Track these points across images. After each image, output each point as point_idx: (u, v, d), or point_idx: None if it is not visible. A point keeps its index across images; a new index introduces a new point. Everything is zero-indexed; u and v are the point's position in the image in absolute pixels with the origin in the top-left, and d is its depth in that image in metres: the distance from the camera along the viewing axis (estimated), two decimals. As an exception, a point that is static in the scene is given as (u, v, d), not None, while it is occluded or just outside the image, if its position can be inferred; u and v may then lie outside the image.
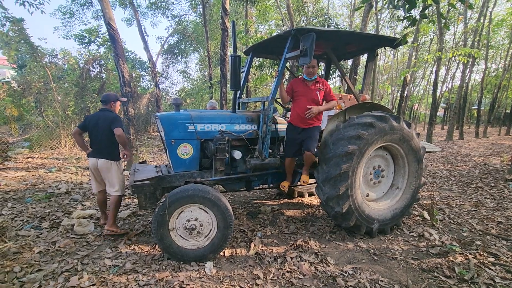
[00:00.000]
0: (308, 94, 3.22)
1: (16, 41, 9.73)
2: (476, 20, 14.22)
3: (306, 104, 3.19)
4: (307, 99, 3.21)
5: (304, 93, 3.22)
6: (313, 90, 3.22)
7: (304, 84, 3.26)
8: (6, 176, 5.85)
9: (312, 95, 3.21)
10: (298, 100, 3.26)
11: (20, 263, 2.61)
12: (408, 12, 2.87)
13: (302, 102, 3.22)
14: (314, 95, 3.22)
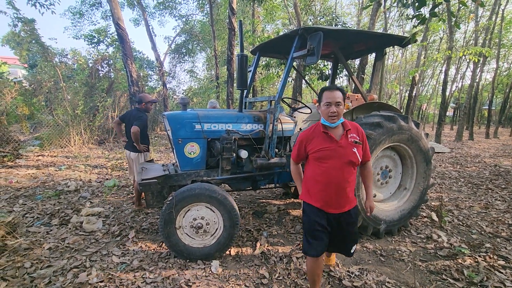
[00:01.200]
0: (339, 154, 1.92)
1: (27, 41, 9.93)
2: (487, 18, 13.91)
3: (340, 171, 1.92)
4: (341, 163, 1.92)
5: (332, 153, 1.92)
6: (346, 145, 1.93)
7: (328, 137, 1.95)
8: (17, 173, 5.98)
9: (347, 155, 1.92)
10: (321, 165, 1.95)
11: (31, 259, 2.67)
12: (417, 11, 2.84)
13: (331, 169, 1.92)
14: (350, 154, 1.92)
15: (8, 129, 7.49)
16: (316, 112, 4.27)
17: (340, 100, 1.88)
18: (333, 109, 1.88)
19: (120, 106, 11.61)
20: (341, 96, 1.90)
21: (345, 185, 1.93)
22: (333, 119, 1.91)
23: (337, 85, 1.94)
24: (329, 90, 1.92)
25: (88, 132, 9.95)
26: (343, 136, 1.94)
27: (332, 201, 1.96)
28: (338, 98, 1.88)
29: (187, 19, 18.06)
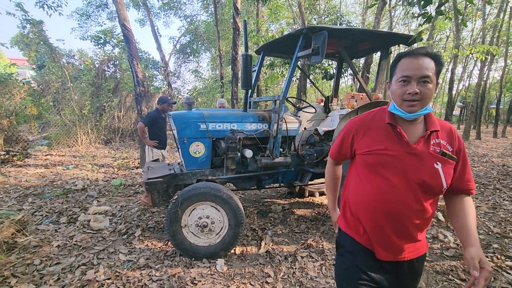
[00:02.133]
0: (408, 166, 1.14)
1: (35, 43, 10.08)
2: (495, 16, 13.70)
3: (407, 196, 1.14)
4: (409, 182, 1.14)
5: (396, 162, 1.15)
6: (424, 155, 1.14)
7: (395, 134, 1.18)
8: (26, 172, 6.09)
9: (421, 172, 1.13)
10: (375, 178, 1.20)
11: (40, 256, 2.72)
12: (423, 9, 2.82)
13: (392, 189, 1.16)
14: (427, 171, 1.13)
15: (17, 129, 7.63)
16: (321, 112, 4.26)
17: (431, 74, 1.08)
18: (413, 89, 1.08)
19: (126, 106, 11.72)
20: (432, 66, 1.09)
21: (412, 219, 1.14)
22: (412, 106, 1.10)
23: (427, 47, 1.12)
24: (410, 57, 1.11)
25: (94, 131, 10.07)
26: (422, 138, 1.13)
27: (388, 241, 1.18)
28: (425, 70, 1.07)
29: (192, 20, 18.13)
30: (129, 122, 11.82)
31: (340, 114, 3.80)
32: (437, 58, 1.11)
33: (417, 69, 1.08)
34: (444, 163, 1.14)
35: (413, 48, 1.28)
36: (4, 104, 7.31)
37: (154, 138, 4.44)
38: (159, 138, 4.46)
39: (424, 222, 1.19)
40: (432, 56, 1.11)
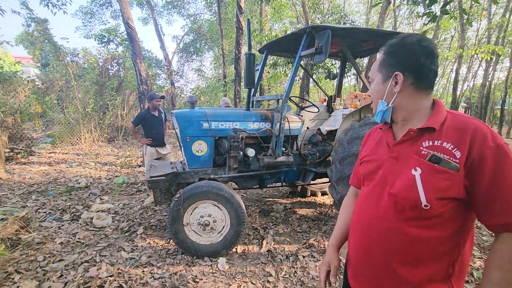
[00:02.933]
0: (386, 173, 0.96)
1: (40, 41, 10.15)
2: (501, 16, 13.56)
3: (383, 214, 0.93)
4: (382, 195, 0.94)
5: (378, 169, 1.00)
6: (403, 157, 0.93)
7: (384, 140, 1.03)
8: (30, 170, 6.14)
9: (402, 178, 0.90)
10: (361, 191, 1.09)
11: (43, 253, 2.74)
12: (428, 8, 2.80)
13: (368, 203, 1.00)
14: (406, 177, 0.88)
15: (22, 127, 7.70)
16: (324, 111, 4.25)
17: (371, 73, 1.07)
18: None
19: (129, 104, 11.77)
20: (379, 61, 1.03)
21: (394, 248, 0.91)
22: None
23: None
24: None
25: (98, 130, 10.12)
26: (405, 138, 0.94)
27: (363, 270, 1.01)
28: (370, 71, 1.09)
29: (195, 18, 18.16)
30: (132, 121, 11.86)
31: (343, 113, 3.79)
32: (386, 46, 1.00)
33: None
34: (431, 171, 0.85)
35: None
36: (9, 102, 7.37)
37: (148, 136, 4.53)
38: (152, 136, 4.52)
39: (418, 258, 0.87)
40: (384, 48, 1.01)
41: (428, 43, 0.93)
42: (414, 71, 0.93)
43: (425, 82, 0.94)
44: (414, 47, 0.93)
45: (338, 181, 3.08)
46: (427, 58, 0.92)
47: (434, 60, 0.93)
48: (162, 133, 4.60)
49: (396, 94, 0.96)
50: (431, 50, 0.92)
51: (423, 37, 0.95)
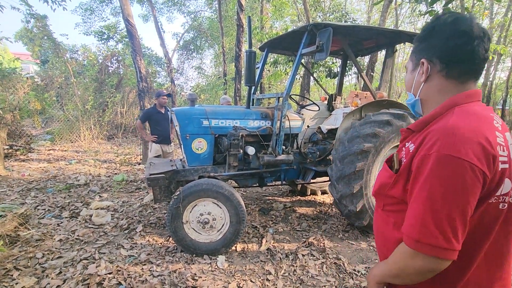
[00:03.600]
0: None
1: (39, 37, 10.12)
2: (503, 15, 13.52)
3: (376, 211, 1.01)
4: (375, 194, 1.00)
5: None
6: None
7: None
8: (29, 167, 6.12)
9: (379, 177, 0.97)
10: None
11: (42, 250, 2.73)
12: (430, 7, 2.78)
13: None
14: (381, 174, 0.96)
15: (21, 124, 7.68)
16: (324, 110, 4.23)
17: (407, 63, 0.96)
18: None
19: (129, 102, 11.75)
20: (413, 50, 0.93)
21: (380, 237, 0.98)
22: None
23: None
24: None
25: (97, 127, 10.11)
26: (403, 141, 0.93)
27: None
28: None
29: (196, 16, 18.09)
30: (132, 118, 11.85)
31: (343, 112, 3.78)
32: (416, 36, 0.90)
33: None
34: (383, 169, 0.92)
35: None
36: (8, 99, 7.35)
37: (153, 133, 4.60)
38: (157, 133, 4.57)
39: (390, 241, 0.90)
40: (415, 39, 0.92)
41: (464, 22, 0.78)
42: (442, 56, 0.81)
43: (456, 69, 0.80)
44: (445, 28, 0.80)
45: (338, 180, 3.07)
46: (459, 38, 0.77)
47: (472, 40, 0.77)
48: (167, 130, 4.60)
49: (422, 84, 0.87)
50: (467, 29, 0.77)
51: (460, 16, 0.80)
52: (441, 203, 0.69)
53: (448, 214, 0.69)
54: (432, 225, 0.70)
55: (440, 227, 0.69)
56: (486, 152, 0.69)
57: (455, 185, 0.68)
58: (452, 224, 0.69)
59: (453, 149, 0.68)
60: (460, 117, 0.75)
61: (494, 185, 0.72)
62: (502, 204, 0.74)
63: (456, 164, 0.68)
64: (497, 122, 0.78)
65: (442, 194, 0.69)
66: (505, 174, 0.72)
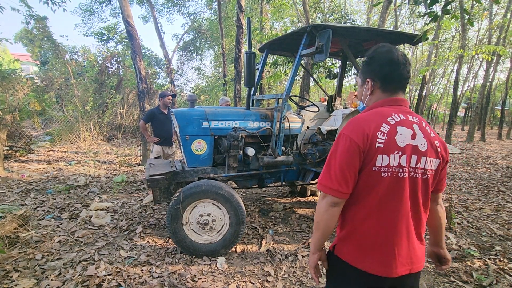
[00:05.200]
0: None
1: (39, 39, 10.13)
2: (502, 16, 13.54)
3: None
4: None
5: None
6: None
7: None
8: (29, 168, 6.12)
9: None
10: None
11: (42, 251, 2.73)
12: (429, 8, 2.78)
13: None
14: None
15: (21, 125, 7.67)
16: (324, 111, 4.24)
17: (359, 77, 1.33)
18: None
19: (129, 103, 11.74)
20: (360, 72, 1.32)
21: None
22: None
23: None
24: None
25: (97, 128, 10.11)
26: None
27: None
28: None
29: (195, 17, 18.11)
30: (132, 119, 11.85)
31: (343, 113, 3.78)
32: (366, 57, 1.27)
33: None
34: None
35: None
36: (8, 100, 7.35)
37: (156, 134, 4.58)
38: (160, 134, 4.55)
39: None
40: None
41: (393, 53, 1.14)
42: (380, 77, 1.18)
43: (390, 85, 1.18)
44: (380, 57, 1.16)
45: (338, 181, 3.07)
46: (390, 65, 1.14)
47: (398, 67, 1.14)
48: (170, 132, 4.61)
49: (368, 96, 1.24)
50: (395, 58, 1.14)
51: (390, 48, 1.16)
52: (334, 159, 1.11)
53: (334, 166, 1.09)
54: (327, 173, 1.12)
55: (331, 174, 1.10)
56: (364, 132, 1.06)
57: (340, 149, 1.09)
58: (337, 173, 1.08)
59: (345, 130, 1.11)
60: (366, 114, 1.15)
61: (370, 155, 1.06)
62: (384, 173, 1.07)
63: (343, 137, 1.10)
64: (393, 119, 1.10)
65: (332, 154, 1.12)
66: (379, 151, 1.06)
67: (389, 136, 1.07)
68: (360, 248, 1.13)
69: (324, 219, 1.13)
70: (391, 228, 1.10)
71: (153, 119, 4.58)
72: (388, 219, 1.10)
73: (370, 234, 1.11)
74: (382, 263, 1.10)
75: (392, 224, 1.10)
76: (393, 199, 1.09)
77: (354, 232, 1.15)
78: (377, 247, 1.11)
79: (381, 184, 1.07)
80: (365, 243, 1.12)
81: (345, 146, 1.08)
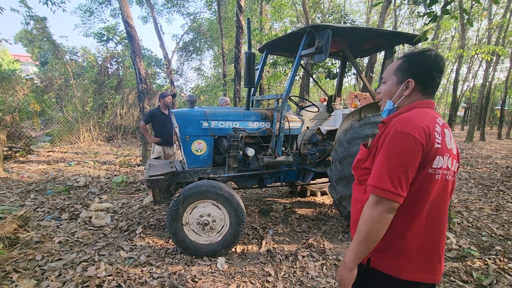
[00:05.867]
0: None
1: (39, 39, 10.12)
2: (501, 16, 13.55)
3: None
4: None
5: None
6: None
7: None
8: (29, 168, 6.12)
9: None
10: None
11: (42, 252, 2.73)
12: (429, 8, 2.78)
13: None
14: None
15: (20, 125, 7.67)
16: (324, 111, 4.24)
17: (385, 75, 1.26)
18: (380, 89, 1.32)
19: (129, 103, 11.74)
20: (395, 66, 1.21)
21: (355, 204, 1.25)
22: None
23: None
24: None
25: (97, 128, 10.10)
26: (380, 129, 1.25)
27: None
28: (385, 72, 1.27)
29: (195, 17, 18.10)
30: (132, 120, 11.84)
31: (343, 113, 3.78)
32: (407, 55, 1.19)
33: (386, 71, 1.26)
34: (361, 148, 1.27)
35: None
36: (7, 100, 7.34)
37: (156, 134, 4.59)
38: (161, 134, 4.56)
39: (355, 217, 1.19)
40: (404, 56, 1.21)
41: (442, 60, 1.14)
42: (423, 81, 1.14)
43: (429, 89, 1.16)
44: (431, 61, 1.12)
45: (338, 181, 3.07)
46: (437, 72, 1.13)
47: (441, 74, 1.15)
48: (170, 132, 4.61)
49: (403, 96, 1.18)
50: (442, 67, 1.14)
51: (438, 54, 1.15)
52: (392, 160, 1.00)
53: (396, 168, 0.99)
54: (385, 175, 1.00)
55: (390, 176, 0.99)
56: (426, 132, 1.00)
57: (400, 149, 1.00)
58: (398, 176, 0.98)
59: (403, 127, 1.01)
60: (414, 113, 1.09)
61: (430, 156, 1.01)
62: (437, 175, 1.03)
63: (403, 135, 1.00)
64: (440, 121, 1.09)
65: (394, 155, 1.00)
66: (437, 152, 1.02)
67: (442, 137, 1.05)
68: (407, 256, 1.05)
69: (377, 228, 1.00)
70: (439, 232, 1.08)
71: (153, 119, 4.59)
72: (436, 223, 1.07)
73: (418, 240, 1.05)
74: (431, 270, 1.07)
75: (440, 228, 1.08)
76: (442, 203, 1.07)
77: (399, 240, 1.06)
78: (426, 254, 1.06)
79: (434, 187, 1.04)
80: (413, 251, 1.05)
81: (406, 145, 0.99)
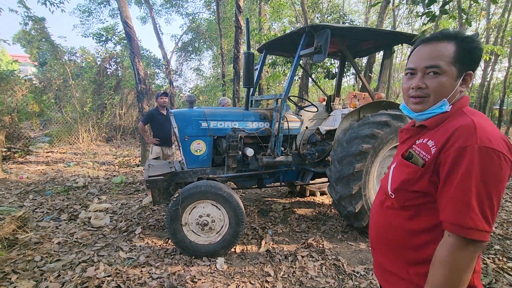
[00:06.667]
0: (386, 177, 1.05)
1: (38, 40, 10.08)
2: (499, 16, 13.59)
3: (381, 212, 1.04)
4: (381, 195, 1.08)
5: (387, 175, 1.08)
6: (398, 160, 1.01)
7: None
8: (27, 169, 6.10)
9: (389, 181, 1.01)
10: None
11: (41, 252, 2.72)
12: (427, 8, 2.79)
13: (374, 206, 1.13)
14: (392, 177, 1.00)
15: (19, 126, 7.65)
16: (323, 111, 4.24)
17: (441, 63, 0.87)
18: (416, 82, 0.91)
19: (128, 103, 11.72)
20: (448, 52, 0.87)
21: (390, 232, 0.98)
22: (416, 104, 0.94)
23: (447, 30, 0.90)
24: (423, 44, 0.93)
25: (96, 129, 10.08)
26: (409, 136, 1.01)
27: (376, 263, 1.11)
28: (432, 60, 0.88)
29: (194, 17, 18.09)
30: (131, 120, 11.82)
31: (342, 113, 3.78)
32: (458, 38, 0.86)
33: (423, 58, 0.89)
34: (400, 165, 0.96)
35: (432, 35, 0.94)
36: (6, 101, 7.32)
37: (155, 135, 4.59)
38: (160, 134, 4.56)
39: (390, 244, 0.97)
40: (452, 38, 0.87)
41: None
42: (473, 72, 0.91)
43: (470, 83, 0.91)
44: (480, 50, 0.88)
45: (337, 181, 3.08)
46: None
47: None
48: (169, 132, 4.62)
49: (459, 93, 0.91)
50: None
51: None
52: (484, 190, 0.75)
53: (490, 200, 0.76)
54: (476, 209, 0.75)
55: (484, 212, 0.75)
56: (508, 145, 0.80)
57: (495, 173, 0.76)
58: (492, 209, 0.76)
59: (489, 142, 0.76)
60: (478, 117, 0.84)
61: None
62: None
63: (494, 155, 0.76)
64: None
65: (485, 181, 0.75)
66: None
67: None
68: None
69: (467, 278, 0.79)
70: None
71: (152, 120, 4.60)
72: None
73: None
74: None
75: None
76: None
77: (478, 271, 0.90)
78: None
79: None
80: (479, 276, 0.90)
81: (498, 166, 0.76)
